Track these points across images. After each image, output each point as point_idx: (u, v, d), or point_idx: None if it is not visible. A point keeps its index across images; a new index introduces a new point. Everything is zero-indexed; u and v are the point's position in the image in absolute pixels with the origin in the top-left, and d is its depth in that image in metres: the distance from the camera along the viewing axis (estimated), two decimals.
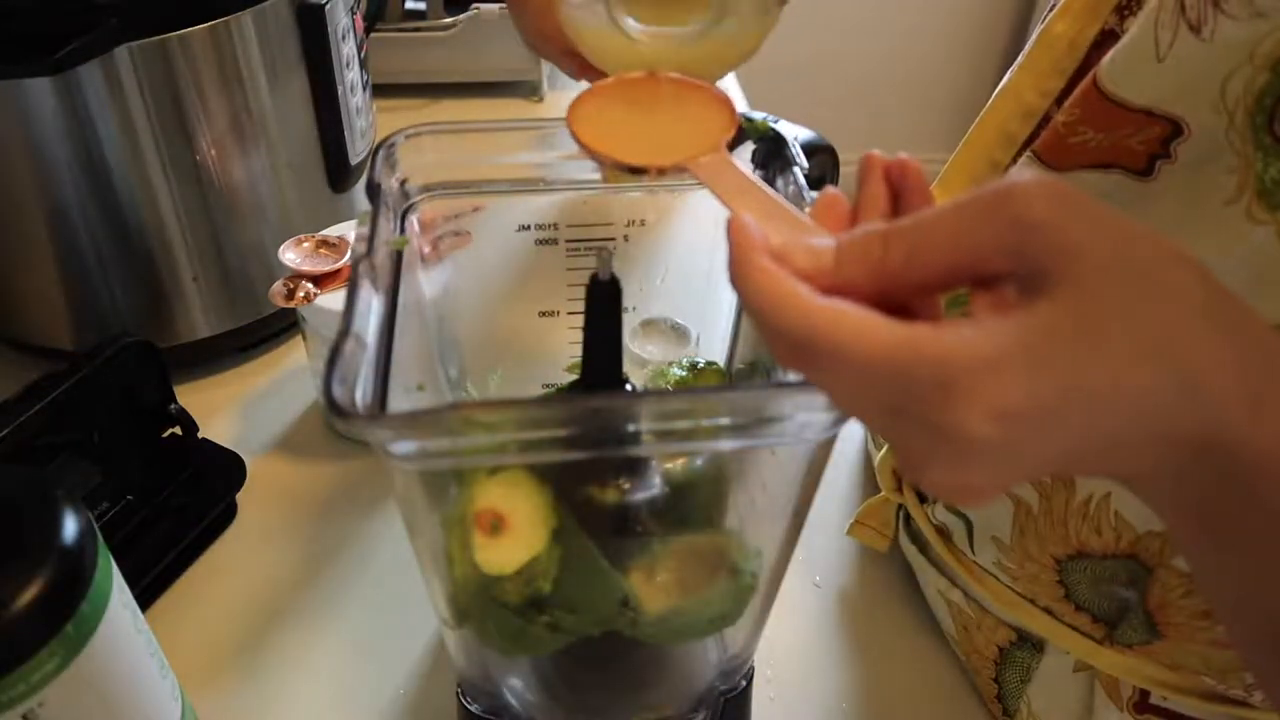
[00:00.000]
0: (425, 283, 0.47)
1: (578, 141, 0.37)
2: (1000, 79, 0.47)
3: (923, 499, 0.55)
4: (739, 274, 0.28)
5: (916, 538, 0.57)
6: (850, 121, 2.38)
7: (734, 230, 0.29)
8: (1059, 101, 0.43)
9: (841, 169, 0.71)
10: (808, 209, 0.37)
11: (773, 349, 0.28)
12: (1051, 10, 0.45)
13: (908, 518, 0.57)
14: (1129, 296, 0.26)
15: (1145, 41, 0.37)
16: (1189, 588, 0.43)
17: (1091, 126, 0.40)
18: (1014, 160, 0.45)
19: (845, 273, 0.28)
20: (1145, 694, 0.47)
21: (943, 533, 0.54)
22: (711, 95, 0.39)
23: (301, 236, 0.65)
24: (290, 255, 0.63)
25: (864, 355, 0.26)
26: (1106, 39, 0.41)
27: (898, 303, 0.28)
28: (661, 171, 0.36)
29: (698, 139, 0.37)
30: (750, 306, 0.28)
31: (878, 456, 0.59)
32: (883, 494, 0.57)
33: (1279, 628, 0.29)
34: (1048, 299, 0.25)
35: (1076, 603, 0.48)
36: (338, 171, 0.74)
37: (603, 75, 0.42)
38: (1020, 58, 0.46)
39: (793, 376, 0.30)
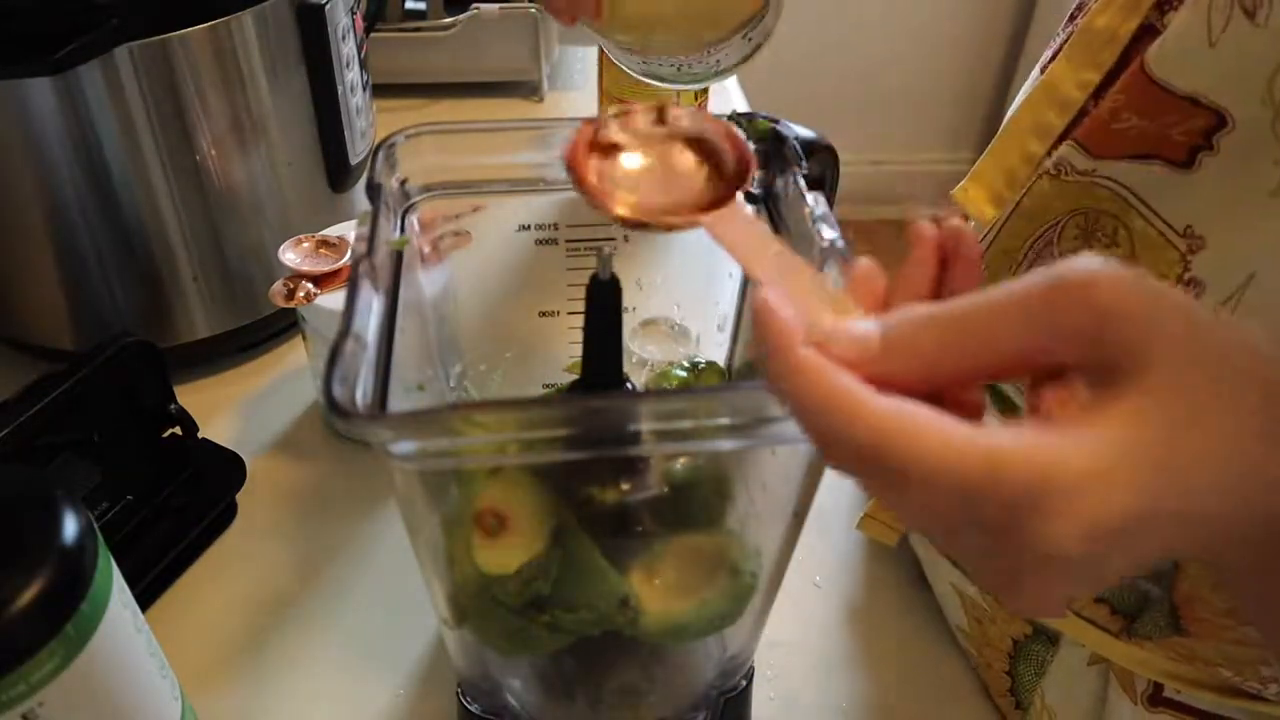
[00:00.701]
0: (425, 283, 0.47)
1: (580, 190, 0.34)
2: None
3: None
4: (779, 372, 0.26)
5: None
6: (850, 121, 2.38)
7: (764, 318, 0.26)
8: (1096, 95, 0.43)
9: (842, 169, 0.71)
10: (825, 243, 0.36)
11: (827, 454, 0.26)
12: (1080, 8, 0.45)
13: None
14: (1217, 385, 0.25)
15: (1198, 25, 0.37)
16: (1217, 581, 0.43)
17: (1136, 113, 0.39)
18: (1050, 151, 0.45)
19: (894, 363, 0.26)
20: (1159, 687, 0.47)
21: None
22: (724, 135, 0.36)
23: (301, 236, 0.65)
24: (290, 255, 0.63)
25: (943, 469, 0.24)
26: (1145, 33, 0.41)
27: (935, 390, 0.26)
28: (672, 228, 0.33)
29: (709, 187, 0.34)
30: (797, 408, 0.26)
31: None
32: None
33: None
34: (1131, 400, 0.24)
35: (1097, 595, 0.47)
36: (338, 171, 0.74)
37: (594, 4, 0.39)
38: (1048, 53, 0.46)
39: None
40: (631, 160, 0.36)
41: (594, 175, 0.34)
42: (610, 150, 0.35)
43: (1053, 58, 0.46)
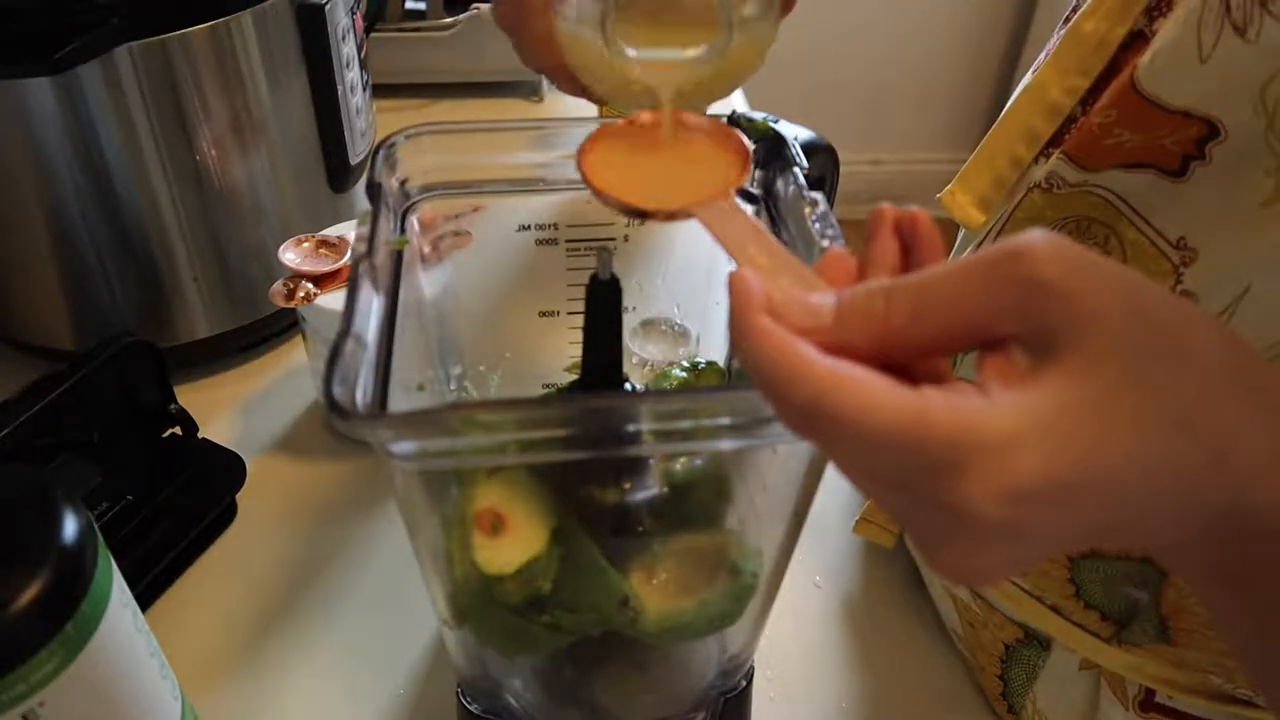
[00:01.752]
0: (425, 283, 0.47)
1: (586, 183, 0.36)
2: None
3: None
4: (737, 331, 0.27)
5: None
6: (850, 121, 2.38)
7: (734, 286, 0.28)
8: (1084, 101, 0.43)
9: (842, 169, 0.71)
10: (824, 243, 0.37)
11: (777, 413, 0.27)
12: (1075, 10, 0.44)
13: None
14: (1147, 363, 0.25)
15: (1187, 42, 0.37)
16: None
17: (1128, 128, 0.39)
18: (1038, 158, 0.45)
19: (846, 331, 0.27)
20: (1151, 692, 0.47)
21: None
22: (726, 136, 0.38)
23: (301, 236, 0.65)
24: (290, 255, 0.63)
25: (870, 426, 0.25)
26: (1135, 40, 0.41)
27: (899, 364, 0.27)
28: (670, 216, 0.35)
29: (708, 182, 0.36)
30: (750, 367, 0.27)
31: None
32: None
33: None
34: (1060, 368, 0.25)
35: (1086, 601, 0.47)
36: (338, 171, 0.74)
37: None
38: (1042, 55, 0.46)
39: None
40: (634, 156, 0.37)
41: (598, 169, 0.36)
42: (618, 150, 0.37)
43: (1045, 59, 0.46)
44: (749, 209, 0.43)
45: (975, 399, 0.25)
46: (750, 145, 0.38)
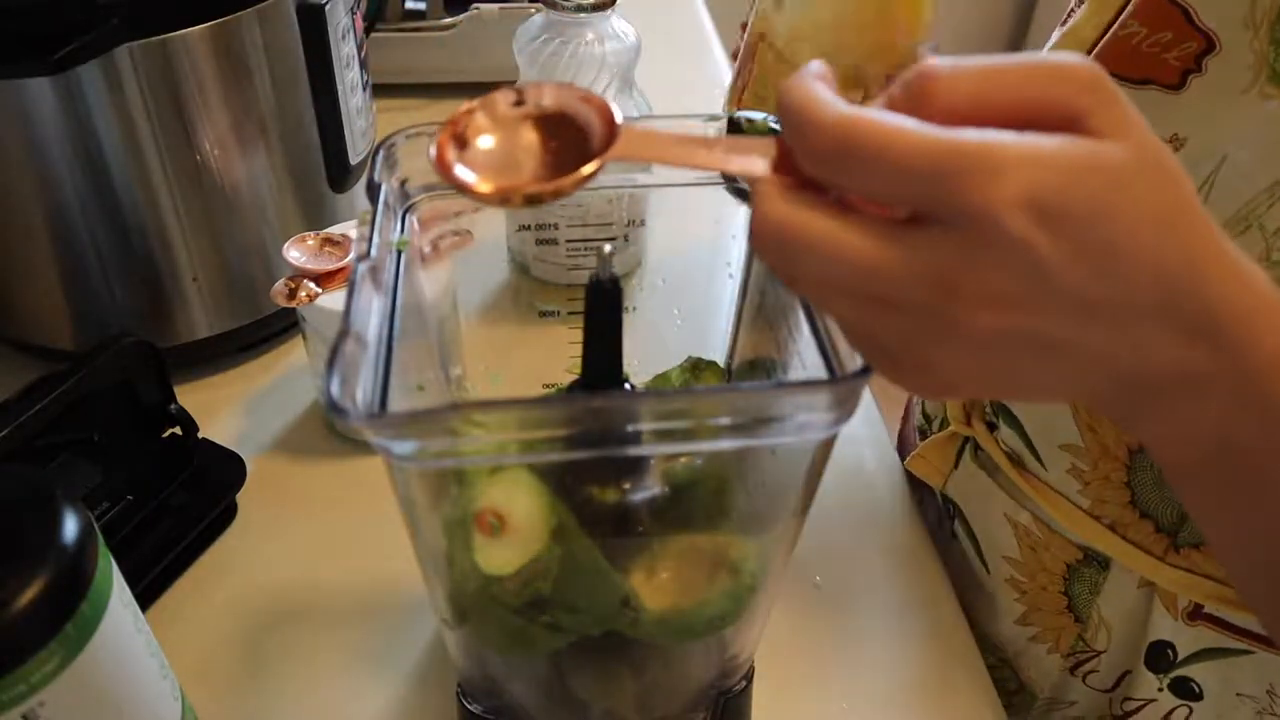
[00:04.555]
0: (425, 283, 0.47)
1: (453, 185, 0.32)
2: None
3: (992, 428, 0.58)
4: (786, 87, 0.28)
5: (985, 465, 0.60)
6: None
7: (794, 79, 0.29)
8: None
9: None
10: None
11: (802, 152, 0.28)
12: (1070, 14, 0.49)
13: (975, 449, 0.60)
14: (1158, 172, 0.27)
15: None
16: None
17: (1140, 21, 0.44)
18: None
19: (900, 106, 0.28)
20: (1199, 605, 0.51)
21: (1013, 459, 0.57)
22: (585, 100, 0.34)
23: (305, 234, 0.65)
24: (294, 253, 0.63)
25: (904, 144, 0.26)
26: None
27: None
28: (558, 193, 0.32)
29: (584, 150, 0.32)
30: (787, 108, 0.28)
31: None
32: (950, 429, 0.61)
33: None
34: (1101, 139, 0.26)
35: (1142, 510, 0.51)
36: (338, 171, 0.74)
37: None
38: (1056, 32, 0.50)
39: (793, 377, 0.30)
40: (502, 143, 0.34)
41: (462, 165, 0.33)
42: (477, 139, 0.34)
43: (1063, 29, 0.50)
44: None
45: (1008, 132, 0.26)
46: (614, 105, 0.34)
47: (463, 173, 0.32)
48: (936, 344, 0.28)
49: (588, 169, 0.32)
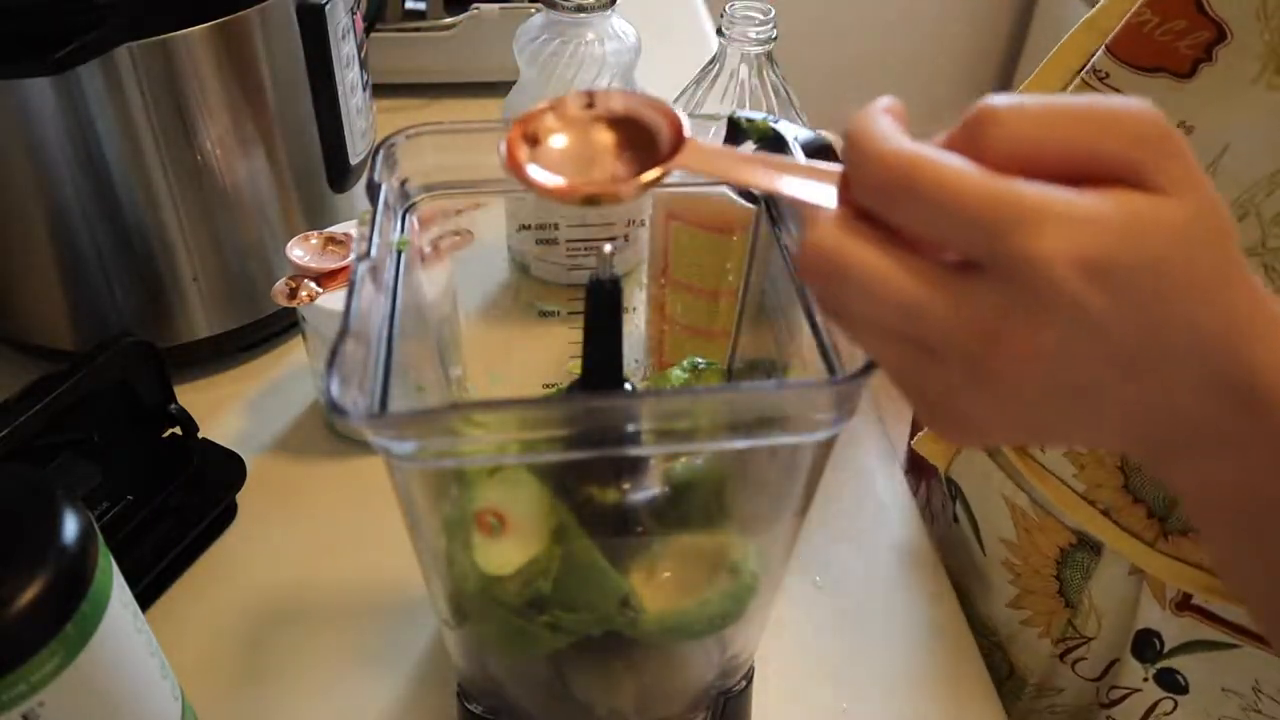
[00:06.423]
0: (425, 283, 0.47)
1: (523, 182, 0.33)
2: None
3: None
4: (853, 117, 0.28)
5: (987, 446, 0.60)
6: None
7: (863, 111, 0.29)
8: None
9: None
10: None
11: (858, 182, 0.28)
12: None
13: None
14: (1212, 232, 0.27)
15: None
16: None
17: (1151, 8, 0.44)
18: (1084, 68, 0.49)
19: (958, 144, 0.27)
20: (1188, 596, 0.52)
21: None
22: (654, 107, 0.35)
23: (308, 233, 0.65)
24: (298, 252, 0.63)
25: (961, 189, 0.26)
26: None
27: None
28: (620, 197, 0.33)
29: (649, 156, 0.33)
30: (850, 137, 0.28)
31: None
32: None
33: None
34: (1158, 196, 0.26)
35: (1134, 494, 0.51)
36: (338, 171, 0.74)
37: None
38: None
39: (793, 377, 0.30)
40: (570, 144, 0.35)
41: (533, 165, 0.34)
42: (547, 140, 0.35)
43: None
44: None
45: (1065, 188, 0.26)
46: (682, 114, 0.35)
47: (534, 171, 0.33)
48: (974, 394, 0.28)
49: (649, 176, 0.32)
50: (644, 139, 0.34)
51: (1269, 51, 0.42)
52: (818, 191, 0.30)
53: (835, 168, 0.30)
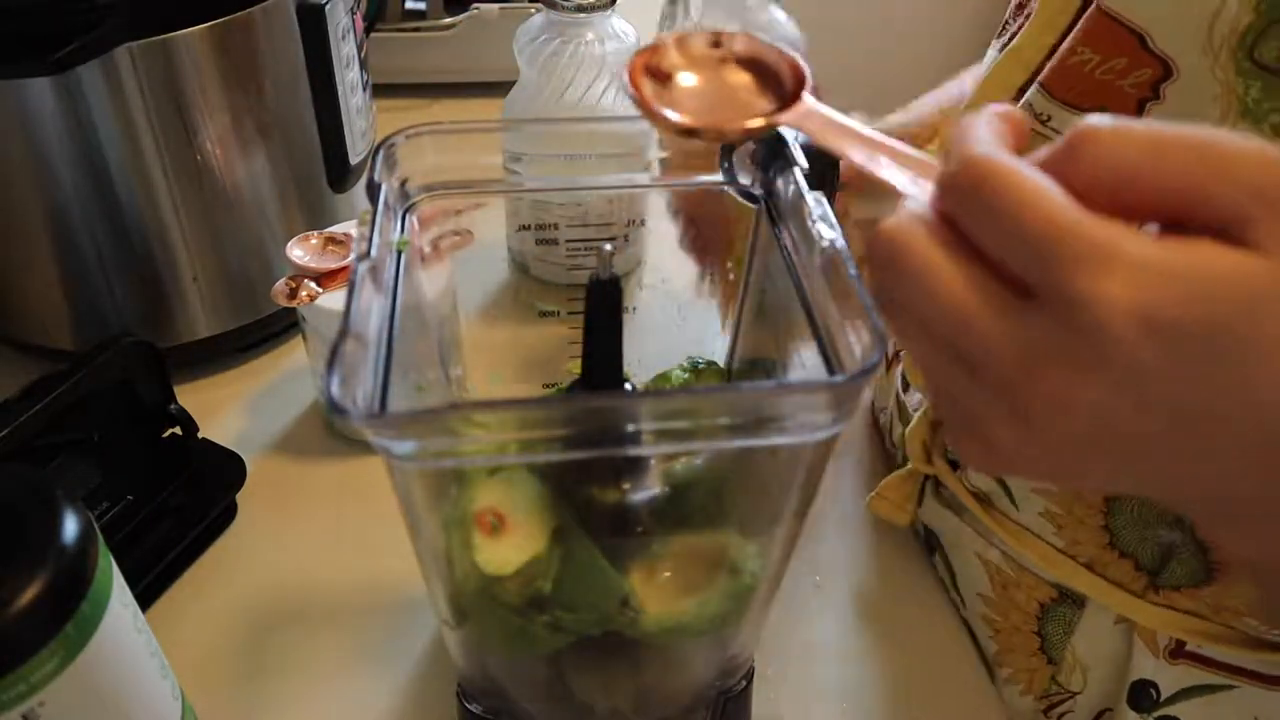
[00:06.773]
0: (425, 283, 0.47)
1: (642, 109, 0.35)
2: None
3: (955, 466, 0.56)
4: (959, 119, 0.28)
5: (950, 503, 0.57)
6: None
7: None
8: (1052, 51, 0.45)
9: (840, 168, 0.71)
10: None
11: (942, 178, 0.27)
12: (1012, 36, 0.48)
13: (936, 486, 0.58)
14: None
15: None
16: None
17: (1089, 47, 0.42)
18: (1015, 100, 0.47)
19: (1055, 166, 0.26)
20: (1181, 642, 0.49)
21: (980, 498, 0.54)
22: (777, 54, 0.37)
23: (309, 233, 0.65)
24: (298, 252, 0.63)
25: (1034, 206, 0.24)
26: None
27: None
28: (747, 135, 0.35)
29: (767, 100, 0.35)
30: (953, 136, 0.27)
31: (901, 431, 0.60)
32: (909, 467, 0.58)
33: None
34: (1256, 254, 0.24)
35: (1120, 549, 0.48)
36: (338, 171, 0.74)
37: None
38: (993, 46, 0.49)
39: (793, 377, 0.30)
40: (690, 79, 0.37)
41: (652, 93, 0.35)
42: (669, 72, 0.37)
43: (1005, 44, 0.49)
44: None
45: (1140, 235, 0.25)
46: (803, 60, 0.37)
47: (653, 96, 0.35)
48: (1006, 422, 0.27)
49: (753, 123, 0.34)
50: (767, 84, 0.35)
51: (1226, 90, 0.38)
52: (911, 183, 0.30)
53: (935, 164, 0.30)
